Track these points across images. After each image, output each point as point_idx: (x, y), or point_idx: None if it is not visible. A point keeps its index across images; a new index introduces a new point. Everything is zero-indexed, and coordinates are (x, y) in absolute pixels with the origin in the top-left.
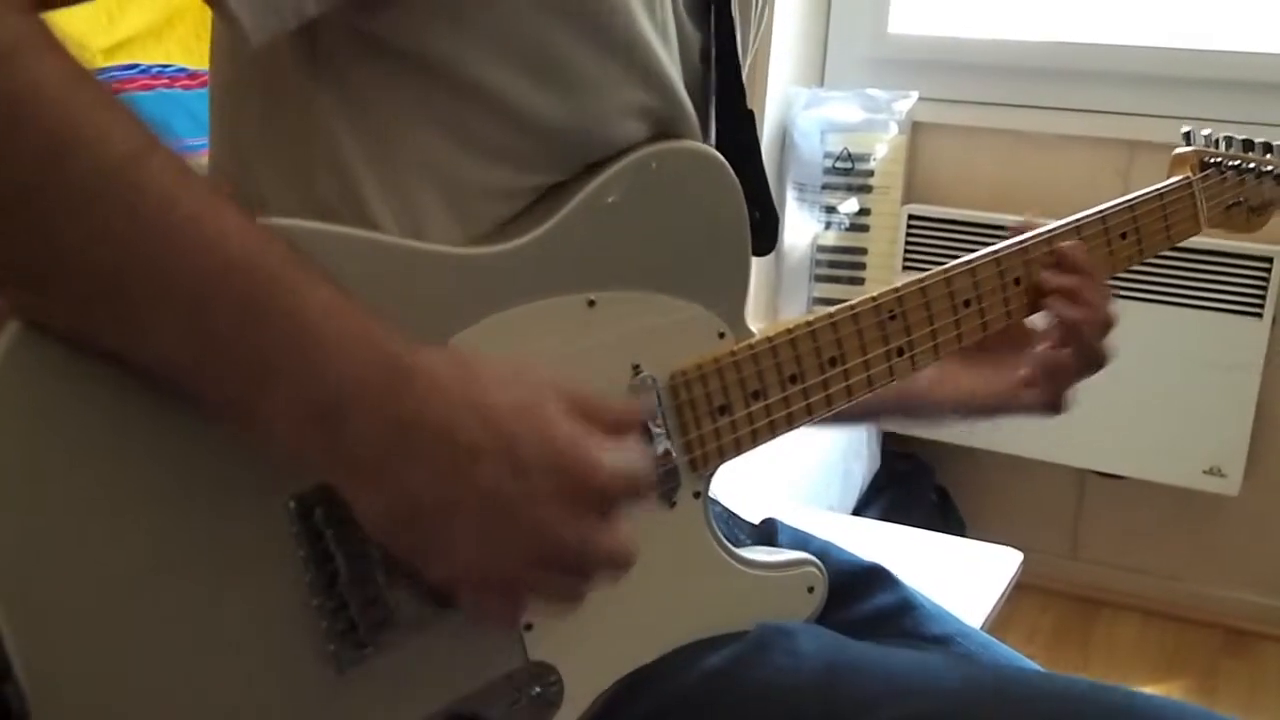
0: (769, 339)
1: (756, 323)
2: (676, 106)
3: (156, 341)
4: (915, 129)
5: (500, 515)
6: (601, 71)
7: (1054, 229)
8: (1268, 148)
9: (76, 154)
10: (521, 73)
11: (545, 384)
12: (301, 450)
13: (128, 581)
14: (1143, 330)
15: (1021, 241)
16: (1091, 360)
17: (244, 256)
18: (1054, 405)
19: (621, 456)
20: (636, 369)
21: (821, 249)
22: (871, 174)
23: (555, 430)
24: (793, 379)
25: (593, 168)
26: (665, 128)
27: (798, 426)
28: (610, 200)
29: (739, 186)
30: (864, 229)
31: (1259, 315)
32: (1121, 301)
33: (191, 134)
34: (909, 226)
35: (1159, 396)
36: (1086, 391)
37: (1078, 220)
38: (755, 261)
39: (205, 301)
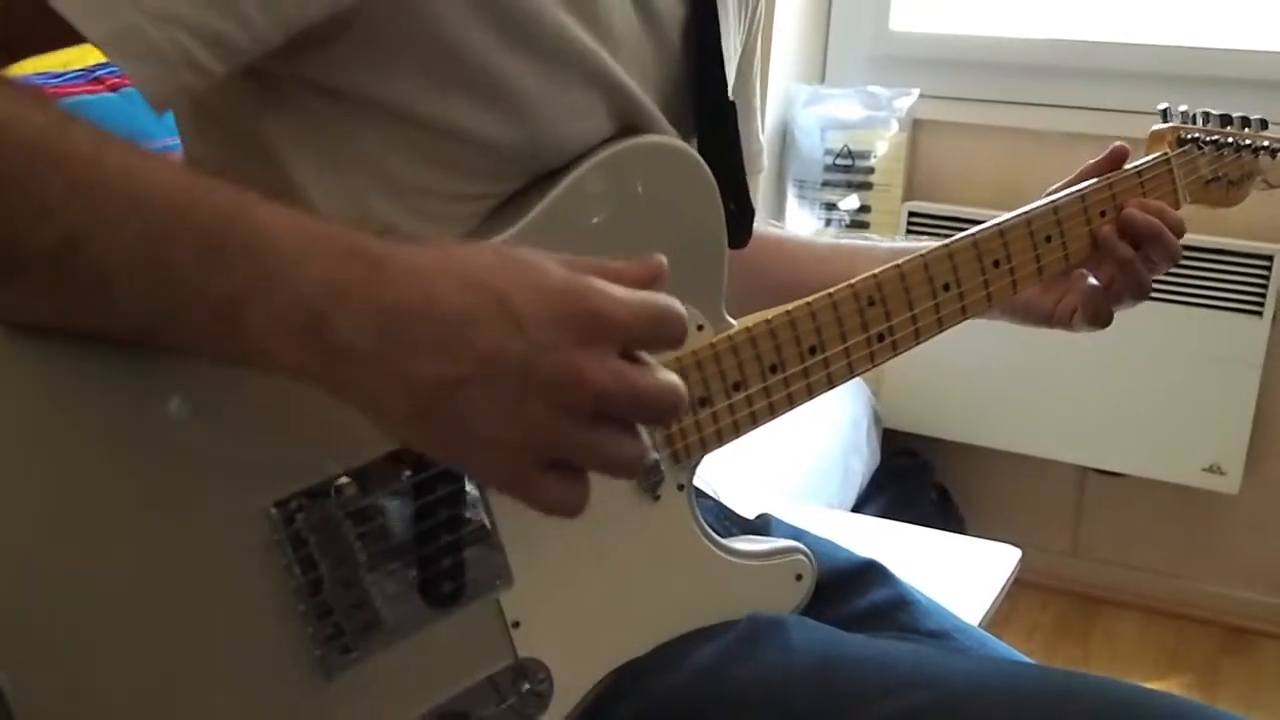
0: (748, 329)
1: (758, 319)
2: (628, 100)
3: (126, 300)
4: (916, 126)
5: (512, 377)
6: (537, 83)
7: (1030, 210)
8: (1245, 121)
9: None
10: (458, 95)
11: (534, 251)
12: (301, 370)
13: (109, 589)
14: (1143, 328)
15: (996, 225)
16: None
17: (186, 199)
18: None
19: (634, 295)
20: None
21: None
22: (872, 171)
23: (547, 279)
24: (773, 369)
25: (557, 171)
26: (625, 120)
27: (779, 415)
28: (578, 200)
29: (711, 178)
30: (864, 226)
31: (1259, 313)
32: None
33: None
34: (909, 224)
35: (1159, 394)
36: (1087, 389)
37: (1055, 200)
38: None
39: (160, 251)
